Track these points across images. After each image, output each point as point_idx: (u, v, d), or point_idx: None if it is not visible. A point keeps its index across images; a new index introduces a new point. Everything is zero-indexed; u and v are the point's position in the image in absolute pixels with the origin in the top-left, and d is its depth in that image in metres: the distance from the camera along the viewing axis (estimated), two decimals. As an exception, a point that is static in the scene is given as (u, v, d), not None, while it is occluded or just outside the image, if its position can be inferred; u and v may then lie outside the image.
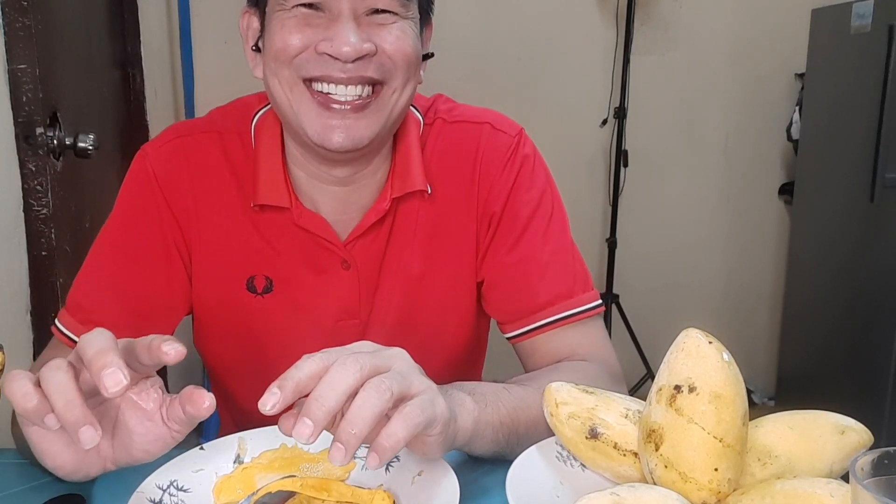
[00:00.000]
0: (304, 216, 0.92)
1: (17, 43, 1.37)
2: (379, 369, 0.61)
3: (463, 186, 0.96)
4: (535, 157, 0.98)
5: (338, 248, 0.93)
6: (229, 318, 0.96)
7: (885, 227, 2.43)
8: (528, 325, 0.95)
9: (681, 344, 0.63)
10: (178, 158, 0.94)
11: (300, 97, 0.84)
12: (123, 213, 0.95)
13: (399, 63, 0.84)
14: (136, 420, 0.65)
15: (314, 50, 0.81)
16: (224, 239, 0.94)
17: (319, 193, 0.93)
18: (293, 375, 0.59)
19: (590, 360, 0.94)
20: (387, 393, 0.59)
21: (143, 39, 2.26)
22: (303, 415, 0.56)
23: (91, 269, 0.95)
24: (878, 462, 0.52)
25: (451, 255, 0.97)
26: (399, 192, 0.93)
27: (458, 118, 0.98)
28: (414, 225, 0.95)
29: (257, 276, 0.94)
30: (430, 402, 0.63)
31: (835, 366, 2.71)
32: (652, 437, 0.62)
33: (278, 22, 0.83)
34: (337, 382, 0.58)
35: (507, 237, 0.96)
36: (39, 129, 1.42)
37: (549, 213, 0.97)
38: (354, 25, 0.80)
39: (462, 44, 2.87)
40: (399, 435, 0.59)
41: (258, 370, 0.98)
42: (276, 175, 0.91)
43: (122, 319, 0.92)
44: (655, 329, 2.78)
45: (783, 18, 2.96)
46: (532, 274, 0.95)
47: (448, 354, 1.02)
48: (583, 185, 3.09)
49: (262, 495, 0.68)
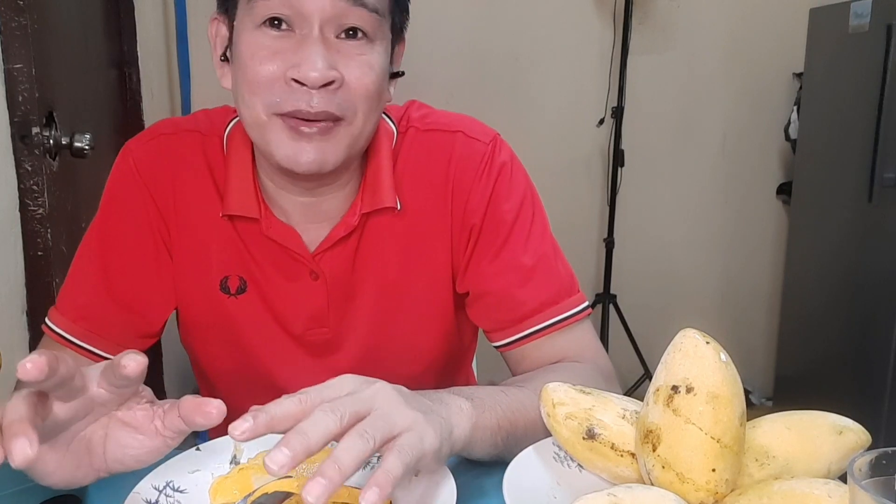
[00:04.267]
0: (274, 227, 0.92)
1: (13, 42, 1.37)
2: (359, 415, 0.60)
3: (435, 199, 0.94)
4: (511, 162, 0.96)
5: (306, 260, 0.93)
6: (207, 315, 0.97)
7: (884, 226, 2.43)
8: (515, 335, 0.95)
9: (678, 344, 0.62)
10: (161, 154, 0.95)
11: (273, 128, 0.83)
12: (110, 208, 0.96)
13: (360, 99, 0.83)
14: (126, 435, 0.64)
15: (283, 80, 0.80)
16: (201, 239, 0.94)
17: (288, 203, 0.93)
18: (270, 409, 0.58)
19: (581, 362, 0.94)
20: (369, 442, 0.58)
21: (140, 39, 2.26)
22: (282, 444, 0.55)
23: (81, 266, 0.96)
24: (875, 462, 0.51)
25: (424, 267, 0.96)
26: (368, 208, 0.92)
27: (430, 126, 0.97)
28: (384, 239, 0.95)
29: (231, 277, 0.95)
30: (419, 439, 0.62)
31: (833, 366, 2.72)
32: (649, 438, 0.62)
33: (248, 45, 0.82)
34: (320, 422, 0.57)
35: (489, 248, 0.94)
36: (35, 128, 1.42)
37: (530, 220, 0.96)
38: (323, 49, 0.80)
39: (459, 44, 2.87)
40: (395, 472, 0.58)
41: (239, 367, 0.99)
42: (246, 186, 0.92)
43: (114, 315, 0.93)
44: (653, 329, 2.79)
45: (781, 18, 2.97)
46: (516, 283, 0.94)
47: (427, 361, 1.01)
48: (580, 184, 3.09)
49: (258, 496, 0.68)
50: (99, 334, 0.93)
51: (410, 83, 0.95)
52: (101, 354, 0.93)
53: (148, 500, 0.66)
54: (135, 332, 0.96)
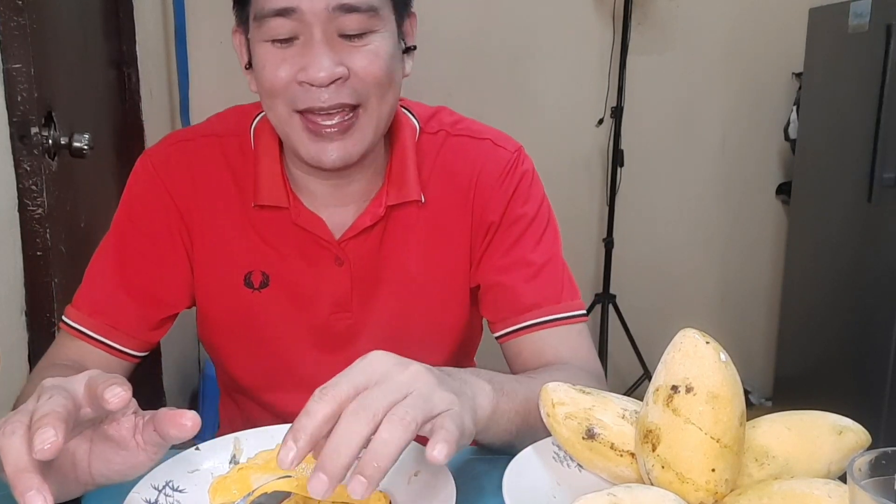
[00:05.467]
0: (302, 215, 0.96)
1: (12, 42, 1.37)
2: (396, 403, 0.58)
3: (459, 196, 1.00)
4: (533, 173, 1.02)
5: (332, 246, 0.97)
6: (229, 311, 1.00)
7: (883, 226, 2.43)
8: (514, 325, 0.99)
9: (678, 344, 0.62)
10: (180, 160, 0.99)
11: (295, 126, 0.89)
12: (130, 207, 0.99)
13: (371, 85, 0.87)
14: (110, 450, 0.64)
15: (295, 82, 0.86)
16: (223, 237, 0.98)
17: (317, 187, 0.97)
18: (306, 426, 0.56)
19: (574, 363, 0.95)
20: (412, 425, 0.56)
21: (139, 39, 2.26)
22: (318, 469, 0.54)
23: (99, 263, 0.99)
24: (875, 462, 0.51)
25: (445, 260, 1.01)
26: (394, 201, 0.97)
27: (461, 132, 1.02)
28: (408, 229, 0.99)
29: (254, 272, 0.99)
30: (461, 418, 0.61)
31: (832, 366, 2.71)
32: (649, 438, 0.62)
33: (260, 55, 0.88)
34: (351, 434, 0.55)
35: (502, 243, 1.00)
36: (34, 128, 1.42)
37: (545, 226, 1.01)
38: (327, 49, 0.84)
39: (458, 43, 2.87)
40: (454, 434, 0.58)
41: (261, 360, 1.03)
42: (275, 176, 0.96)
43: (131, 310, 0.97)
44: (652, 329, 2.79)
45: (780, 18, 2.96)
46: (522, 276, 0.99)
47: (442, 352, 1.05)
48: (579, 185, 3.08)
49: (257, 496, 0.68)
50: (115, 327, 0.96)
51: (410, 83, 0.96)
52: (116, 347, 0.96)
53: (147, 499, 0.66)
54: (148, 326, 0.99)
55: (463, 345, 1.08)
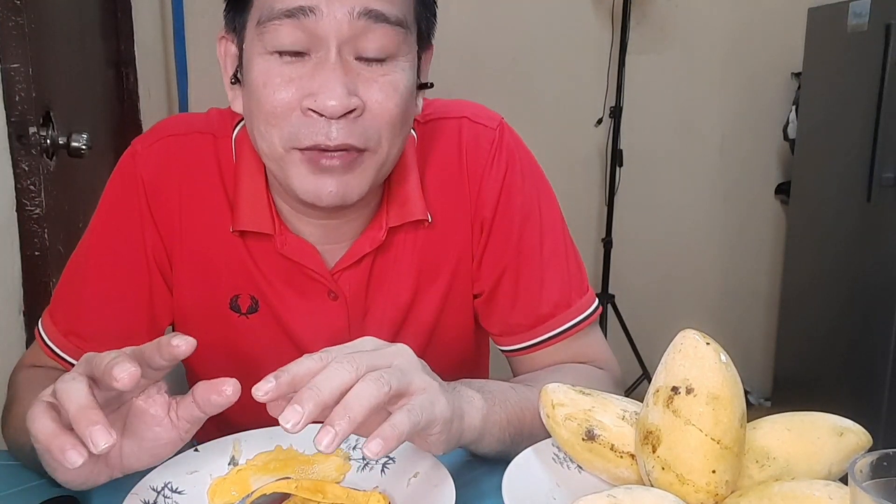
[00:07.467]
0: (289, 244, 0.86)
1: (10, 42, 1.37)
2: (377, 367, 0.60)
3: (454, 191, 0.90)
4: (518, 148, 0.92)
5: (324, 279, 0.87)
6: (212, 334, 0.89)
7: (882, 226, 2.43)
8: (527, 341, 0.92)
9: (678, 345, 0.62)
10: (169, 159, 0.88)
11: (291, 161, 0.77)
12: (107, 217, 0.90)
13: (384, 124, 0.77)
14: (144, 427, 0.64)
15: (299, 110, 0.74)
16: (208, 253, 0.88)
17: (305, 225, 0.87)
18: (291, 369, 0.59)
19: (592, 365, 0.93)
20: (385, 386, 0.58)
21: (137, 38, 2.26)
22: (294, 401, 0.55)
23: (72, 276, 0.91)
24: (876, 464, 0.51)
25: (446, 276, 0.91)
26: (396, 222, 0.87)
27: (431, 116, 0.91)
28: (408, 253, 0.89)
29: (241, 296, 0.89)
30: (430, 402, 0.62)
31: (832, 366, 2.71)
32: (649, 439, 0.62)
33: (259, 70, 0.75)
34: (333, 376, 0.58)
35: (502, 245, 0.91)
36: (32, 128, 1.41)
37: (541, 213, 0.92)
38: (341, 74, 0.73)
39: (457, 43, 2.86)
40: (402, 427, 0.58)
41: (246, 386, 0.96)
42: (258, 200, 0.85)
43: (103, 333, 0.87)
44: (651, 329, 2.78)
45: (779, 17, 2.96)
46: (529, 286, 0.91)
47: (445, 364, 0.99)
48: (578, 184, 3.08)
49: (256, 497, 0.68)
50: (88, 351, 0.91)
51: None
52: None
53: (146, 500, 0.66)
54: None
55: (466, 360, 1.00)
